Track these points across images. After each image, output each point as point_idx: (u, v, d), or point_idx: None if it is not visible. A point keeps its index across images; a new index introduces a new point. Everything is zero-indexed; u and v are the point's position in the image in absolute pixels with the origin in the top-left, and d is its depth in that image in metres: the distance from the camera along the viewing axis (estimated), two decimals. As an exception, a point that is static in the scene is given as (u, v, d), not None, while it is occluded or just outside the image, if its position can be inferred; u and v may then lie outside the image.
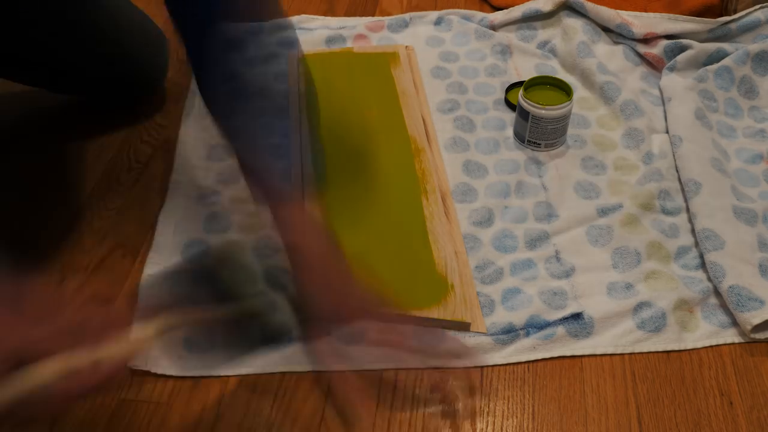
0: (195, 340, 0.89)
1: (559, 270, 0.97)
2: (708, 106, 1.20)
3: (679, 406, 0.84)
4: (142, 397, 0.85)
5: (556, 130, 1.12)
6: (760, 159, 1.13)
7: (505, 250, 1.00)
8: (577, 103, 1.23)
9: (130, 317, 0.68)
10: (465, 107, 1.23)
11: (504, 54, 1.34)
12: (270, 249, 0.97)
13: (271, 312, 0.76)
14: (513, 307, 0.92)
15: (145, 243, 1.02)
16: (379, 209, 1.04)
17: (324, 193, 1.05)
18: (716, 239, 0.97)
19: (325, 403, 0.84)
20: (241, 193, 1.08)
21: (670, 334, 0.90)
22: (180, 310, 0.70)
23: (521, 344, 0.89)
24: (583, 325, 0.91)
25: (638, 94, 1.23)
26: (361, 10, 1.48)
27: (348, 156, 1.13)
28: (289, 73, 1.29)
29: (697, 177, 1.05)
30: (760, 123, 1.19)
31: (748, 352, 0.90)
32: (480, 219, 1.04)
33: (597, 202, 1.06)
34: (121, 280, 0.98)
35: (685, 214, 1.05)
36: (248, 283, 0.75)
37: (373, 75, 1.27)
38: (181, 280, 0.73)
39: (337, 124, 1.17)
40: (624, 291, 0.94)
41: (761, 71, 1.25)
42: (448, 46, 1.36)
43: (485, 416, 0.83)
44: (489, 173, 1.11)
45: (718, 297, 0.94)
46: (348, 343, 0.89)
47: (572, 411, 0.84)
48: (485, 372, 0.87)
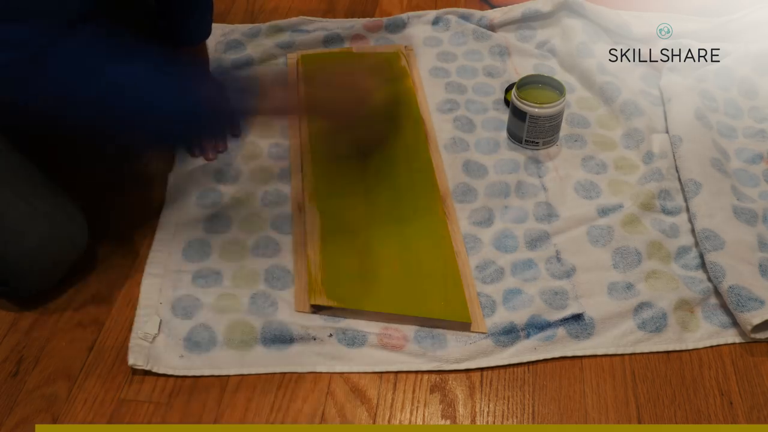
0: (195, 340, 0.89)
1: (560, 270, 0.97)
2: (708, 106, 1.20)
3: (679, 406, 0.84)
4: (142, 397, 0.85)
5: (552, 127, 1.12)
6: (760, 159, 1.13)
7: (505, 250, 1.00)
8: (577, 103, 1.24)
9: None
10: (464, 107, 1.23)
11: (502, 55, 1.34)
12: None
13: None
14: (514, 307, 0.92)
15: (145, 243, 1.02)
16: (387, 209, 1.04)
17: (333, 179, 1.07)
18: (716, 239, 0.97)
19: (325, 403, 0.84)
20: (241, 193, 1.08)
21: (671, 335, 0.90)
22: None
23: (522, 345, 0.89)
24: (583, 326, 0.91)
25: (638, 94, 1.23)
26: (361, 10, 1.48)
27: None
28: (288, 73, 1.30)
29: (697, 177, 1.05)
30: (760, 123, 1.19)
31: (748, 352, 0.90)
32: (480, 219, 1.04)
33: (597, 202, 1.06)
34: (121, 280, 0.98)
35: (685, 213, 1.05)
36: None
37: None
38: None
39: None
40: (624, 291, 0.94)
41: (761, 71, 1.25)
42: (446, 47, 1.36)
43: (485, 416, 0.83)
44: (489, 173, 1.11)
45: (719, 297, 0.94)
46: (349, 345, 0.89)
47: (572, 411, 0.84)
48: (485, 372, 0.87)
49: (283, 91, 0.98)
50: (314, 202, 1.04)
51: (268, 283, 0.96)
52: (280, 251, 1.00)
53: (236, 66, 1.31)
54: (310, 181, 1.07)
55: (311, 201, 1.04)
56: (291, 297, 0.94)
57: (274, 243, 1.01)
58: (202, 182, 1.10)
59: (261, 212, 1.05)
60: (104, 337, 0.91)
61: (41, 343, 0.91)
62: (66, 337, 0.91)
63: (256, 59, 1.32)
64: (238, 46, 1.36)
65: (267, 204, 1.06)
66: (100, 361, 0.89)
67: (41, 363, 0.89)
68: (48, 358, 0.89)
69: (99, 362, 0.89)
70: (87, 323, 0.93)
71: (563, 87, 1.13)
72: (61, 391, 0.86)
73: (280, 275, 0.97)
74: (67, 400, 0.85)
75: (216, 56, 1.33)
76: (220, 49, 1.35)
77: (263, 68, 1.29)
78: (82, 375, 0.87)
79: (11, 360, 0.89)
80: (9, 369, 0.88)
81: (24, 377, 0.87)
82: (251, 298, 0.93)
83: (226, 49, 1.35)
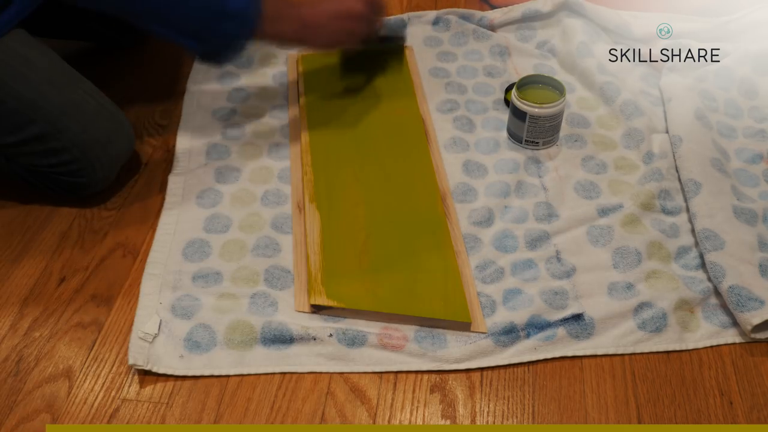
0: (195, 340, 0.89)
1: (560, 270, 0.97)
2: (708, 106, 1.20)
3: (679, 406, 0.84)
4: (142, 397, 0.85)
5: (552, 127, 1.12)
6: (760, 159, 1.13)
7: (505, 250, 1.00)
8: (577, 103, 1.24)
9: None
10: (464, 107, 1.23)
11: (503, 55, 1.34)
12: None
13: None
14: (514, 307, 0.92)
15: (145, 243, 1.02)
16: (387, 209, 1.04)
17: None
18: (716, 239, 0.97)
19: (325, 403, 0.84)
20: (241, 192, 1.08)
21: (671, 335, 0.90)
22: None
23: (522, 345, 0.89)
24: (583, 326, 0.91)
25: (638, 94, 1.23)
26: (361, 9, 1.48)
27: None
28: (288, 72, 1.30)
29: (697, 177, 1.05)
30: (760, 123, 1.19)
31: (748, 352, 0.90)
32: (480, 219, 1.04)
33: (597, 202, 1.06)
34: (121, 280, 0.98)
35: (685, 213, 1.05)
36: None
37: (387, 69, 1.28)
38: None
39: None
40: (625, 291, 0.94)
41: (761, 71, 1.25)
42: (447, 47, 1.36)
43: (485, 416, 0.83)
44: (489, 173, 1.11)
45: (719, 297, 0.94)
46: (349, 345, 0.89)
47: (572, 411, 0.84)
48: (485, 372, 0.87)
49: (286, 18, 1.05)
50: (314, 202, 1.04)
51: (268, 283, 0.96)
52: (280, 251, 1.00)
53: (237, 65, 1.31)
54: (310, 181, 1.07)
55: (311, 201, 1.04)
56: (291, 297, 0.94)
57: (274, 243, 1.01)
58: (202, 182, 1.10)
59: (261, 212, 1.05)
60: (104, 337, 0.91)
61: (41, 343, 0.91)
62: (66, 337, 0.91)
63: (256, 58, 1.33)
64: (238, 46, 1.36)
65: (267, 204, 1.07)
66: (100, 361, 0.89)
67: (41, 363, 0.89)
68: (48, 358, 0.89)
69: (99, 362, 0.89)
70: (87, 323, 0.93)
71: (563, 87, 1.13)
72: (61, 391, 0.86)
73: (280, 275, 0.97)
74: (67, 400, 0.85)
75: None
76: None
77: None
78: (82, 375, 0.87)
79: (11, 360, 0.89)
80: (9, 369, 0.88)
81: (24, 377, 0.87)
82: (251, 298, 0.93)
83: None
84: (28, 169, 1.04)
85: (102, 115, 1.05)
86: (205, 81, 1.29)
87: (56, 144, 1.01)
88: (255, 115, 1.22)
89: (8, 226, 1.05)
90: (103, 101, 1.06)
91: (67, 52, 1.18)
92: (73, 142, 1.01)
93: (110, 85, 1.12)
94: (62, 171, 1.03)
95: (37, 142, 1.01)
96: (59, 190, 1.06)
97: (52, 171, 1.03)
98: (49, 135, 1.00)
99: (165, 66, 1.34)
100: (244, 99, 1.25)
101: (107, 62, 1.34)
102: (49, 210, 1.07)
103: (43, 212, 1.07)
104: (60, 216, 1.07)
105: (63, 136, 1.01)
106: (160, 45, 1.39)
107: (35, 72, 1.00)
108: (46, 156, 1.02)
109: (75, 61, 1.08)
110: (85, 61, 1.27)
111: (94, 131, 1.03)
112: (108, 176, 1.07)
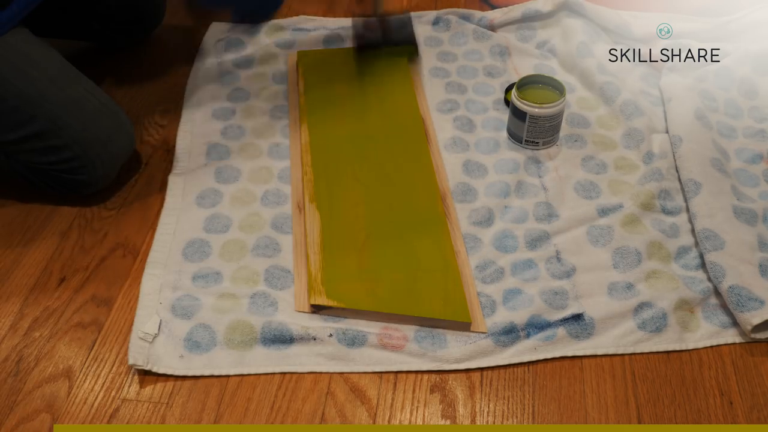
0: (195, 340, 0.89)
1: (560, 270, 0.97)
2: (708, 106, 1.20)
3: (679, 406, 0.84)
4: (142, 397, 0.85)
5: (552, 127, 1.12)
6: (760, 159, 1.13)
7: (505, 250, 1.00)
8: (577, 103, 1.24)
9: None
10: (464, 107, 1.23)
11: (503, 55, 1.34)
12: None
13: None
14: (514, 307, 0.92)
15: (145, 243, 1.02)
16: (387, 209, 1.04)
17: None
18: (716, 239, 0.97)
19: (325, 403, 0.84)
20: (241, 192, 1.08)
21: (672, 335, 0.90)
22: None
23: (522, 345, 0.89)
24: (583, 326, 0.91)
25: (638, 94, 1.23)
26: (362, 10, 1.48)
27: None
28: (289, 72, 1.30)
29: (697, 177, 1.05)
30: (760, 123, 1.19)
31: (748, 352, 0.90)
32: (480, 219, 1.04)
33: (597, 202, 1.06)
34: (121, 280, 0.98)
35: (685, 213, 1.05)
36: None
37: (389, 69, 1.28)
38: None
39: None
40: (625, 291, 0.94)
41: (761, 71, 1.25)
42: (447, 47, 1.36)
43: (485, 416, 0.83)
44: (489, 173, 1.11)
45: (719, 297, 0.94)
46: (349, 345, 0.89)
47: (572, 411, 0.84)
48: (485, 372, 0.87)
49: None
50: (314, 202, 1.04)
51: (268, 283, 0.96)
52: (280, 251, 1.00)
53: (237, 65, 1.31)
54: (310, 181, 1.07)
55: (311, 201, 1.04)
56: (291, 297, 0.94)
57: (274, 243, 1.01)
58: (202, 182, 1.10)
59: (261, 212, 1.05)
60: (104, 337, 0.91)
61: (41, 343, 0.91)
62: (66, 337, 0.91)
63: (256, 58, 1.33)
64: (239, 44, 1.36)
65: (267, 204, 1.07)
66: (100, 361, 0.89)
67: (41, 363, 0.89)
68: (48, 358, 0.89)
69: (99, 362, 0.89)
70: (87, 323, 0.93)
71: (563, 87, 1.13)
72: (61, 391, 0.86)
73: (280, 275, 0.97)
74: (67, 400, 0.85)
75: (216, 55, 1.34)
76: (220, 48, 1.35)
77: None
78: (82, 375, 0.87)
79: (11, 360, 0.89)
80: (9, 369, 0.88)
81: (24, 377, 0.87)
82: (251, 298, 0.93)
83: (226, 48, 1.35)
84: (28, 166, 1.04)
85: (103, 113, 1.05)
86: (205, 81, 1.29)
87: (57, 141, 1.01)
88: (255, 115, 1.22)
89: (8, 226, 1.05)
90: (103, 99, 1.07)
91: (68, 52, 1.18)
92: (73, 140, 1.02)
93: (110, 84, 1.12)
94: (63, 168, 1.03)
95: (37, 139, 1.01)
96: (59, 188, 1.07)
97: (52, 168, 1.03)
98: (50, 132, 1.00)
99: (165, 66, 1.35)
100: (244, 99, 1.25)
101: (107, 62, 1.34)
102: (49, 210, 1.08)
103: (43, 212, 1.07)
104: (60, 216, 1.07)
105: (64, 134, 1.01)
106: (160, 45, 1.39)
107: (37, 69, 1.01)
108: (47, 153, 1.02)
109: (75, 61, 1.08)
110: (85, 61, 1.27)
111: (95, 129, 1.04)
112: (108, 174, 1.07)
